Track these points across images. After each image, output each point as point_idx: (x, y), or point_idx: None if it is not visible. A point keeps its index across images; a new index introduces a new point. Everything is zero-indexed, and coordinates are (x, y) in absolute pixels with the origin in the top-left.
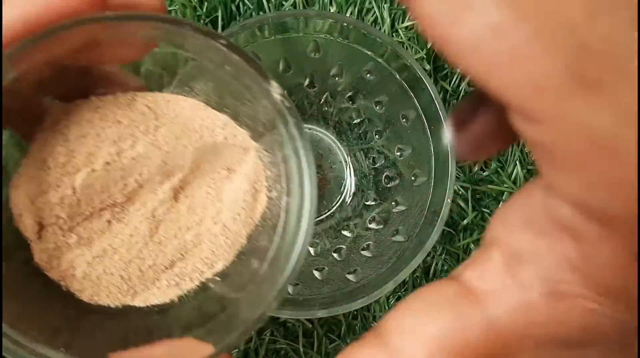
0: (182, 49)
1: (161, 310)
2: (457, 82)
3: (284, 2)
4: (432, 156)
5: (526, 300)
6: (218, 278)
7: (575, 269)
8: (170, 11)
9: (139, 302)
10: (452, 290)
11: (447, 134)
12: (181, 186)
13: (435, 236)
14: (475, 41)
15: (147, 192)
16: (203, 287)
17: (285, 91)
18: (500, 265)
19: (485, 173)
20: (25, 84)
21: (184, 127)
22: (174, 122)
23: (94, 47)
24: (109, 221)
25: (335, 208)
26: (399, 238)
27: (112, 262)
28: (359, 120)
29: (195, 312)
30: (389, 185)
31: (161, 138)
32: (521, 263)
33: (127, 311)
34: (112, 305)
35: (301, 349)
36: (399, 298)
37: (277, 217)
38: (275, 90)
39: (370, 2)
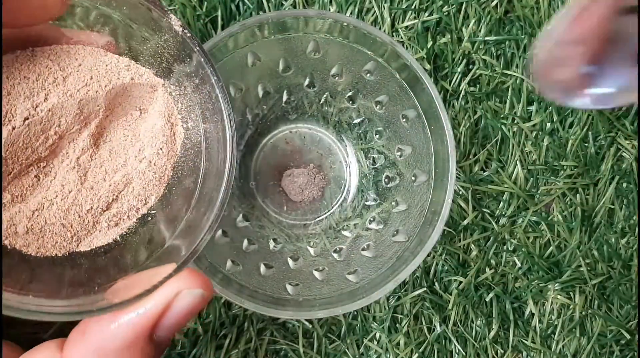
0: (90, 2)
1: (107, 250)
2: (457, 82)
3: (283, 2)
4: (432, 155)
5: None
6: (154, 211)
7: None
8: (170, 10)
9: (84, 247)
10: None
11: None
12: (99, 132)
13: (435, 236)
14: None
15: (67, 143)
16: (142, 222)
17: (286, 90)
18: None
19: (486, 173)
20: None
21: (91, 74)
22: (80, 71)
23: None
24: (37, 176)
25: (335, 208)
26: (399, 238)
27: (51, 213)
28: (359, 120)
29: (141, 245)
30: (389, 185)
31: (72, 87)
32: None
33: (75, 257)
34: (59, 254)
35: (301, 349)
36: (399, 298)
37: (198, 145)
38: (176, 23)
39: (370, 2)
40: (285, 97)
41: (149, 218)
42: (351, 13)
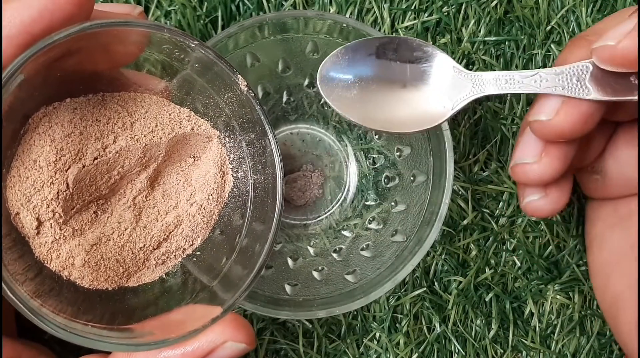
0: (161, 54)
1: (152, 286)
2: None
3: (283, 3)
4: (430, 156)
5: None
6: (199, 253)
7: None
8: (170, 11)
9: (132, 283)
10: None
11: None
12: (155, 175)
13: (433, 236)
14: None
15: (126, 183)
16: (186, 263)
17: (286, 91)
18: None
19: (485, 173)
20: (25, 88)
21: (156, 121)
22: (146, 118)
23: (90, 52)
24: (95, 213)
25: (335, 208)
26: (398, 238)
27: (108, 248)
28: None
29: (184, 285)
30: (388, 185)
31: (138, 132)
32: None
33: (123, 291)
34: (110, 288)
35: (301, 349)
36: (398, 298)
37: (246, 194)
38: (242, 82)
39: (370, 3)
40: (285, 98)
41: (194, 259)
42: (351, 13)
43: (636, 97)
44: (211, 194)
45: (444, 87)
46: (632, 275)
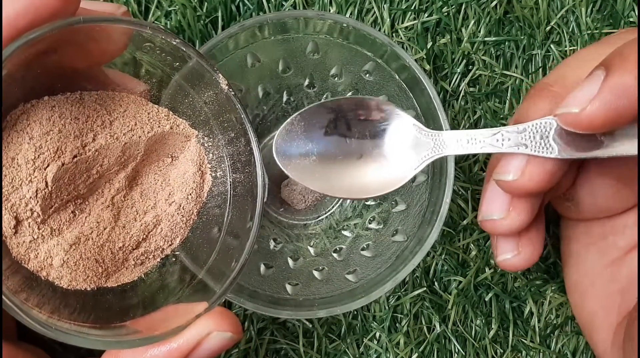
0: (143, 53)
1: (133, 287)
2: (456, 82)
3: (283, 3)
4: None
5: None
6: (177, 253)
7: None
8: (170, 12)
9: (111, 283)
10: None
11: None
12: (133, 174)
13: (434, 235)
14: None
15: (104, 182)
16: (165, 262)
17: (286, 91)
18: None
19: (485, 173)
20: (5, 84)
21: (135, 120)
22: (125, 116)
23: (71, 49)
24: (73, 212)
25: (335, 207)
26: (398, 237)
27: (87, 248)
28: None
29: (166, 284)
30: None
31: (118, 131)
32: None
33: (102, 292)
34: (89, 288)
35: (301, 349)
36: (398, 298)
37: (225, 193)
38: (222, 81)
39: (370, 3)
40: (285, 98)
41: (173, 259)
42: (351, 14)
43: (602, 155)
44: (190, 194)
45: (404, 149)
46: (606, 295)
